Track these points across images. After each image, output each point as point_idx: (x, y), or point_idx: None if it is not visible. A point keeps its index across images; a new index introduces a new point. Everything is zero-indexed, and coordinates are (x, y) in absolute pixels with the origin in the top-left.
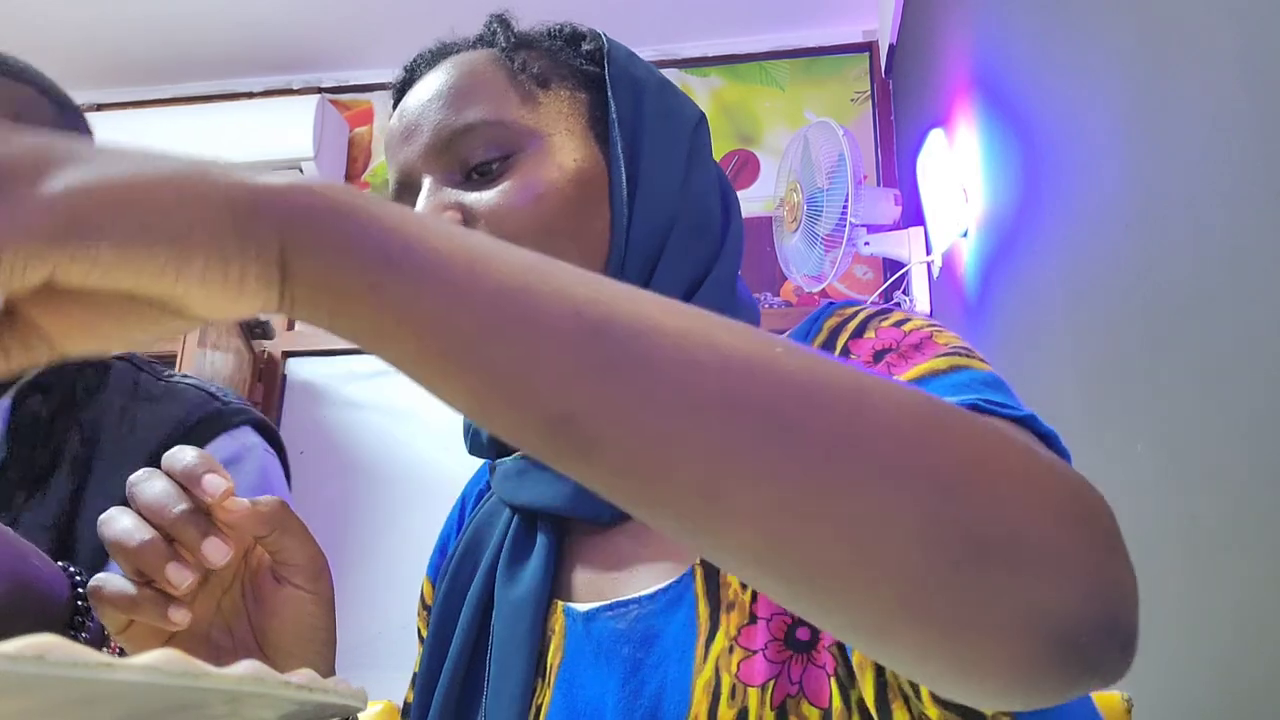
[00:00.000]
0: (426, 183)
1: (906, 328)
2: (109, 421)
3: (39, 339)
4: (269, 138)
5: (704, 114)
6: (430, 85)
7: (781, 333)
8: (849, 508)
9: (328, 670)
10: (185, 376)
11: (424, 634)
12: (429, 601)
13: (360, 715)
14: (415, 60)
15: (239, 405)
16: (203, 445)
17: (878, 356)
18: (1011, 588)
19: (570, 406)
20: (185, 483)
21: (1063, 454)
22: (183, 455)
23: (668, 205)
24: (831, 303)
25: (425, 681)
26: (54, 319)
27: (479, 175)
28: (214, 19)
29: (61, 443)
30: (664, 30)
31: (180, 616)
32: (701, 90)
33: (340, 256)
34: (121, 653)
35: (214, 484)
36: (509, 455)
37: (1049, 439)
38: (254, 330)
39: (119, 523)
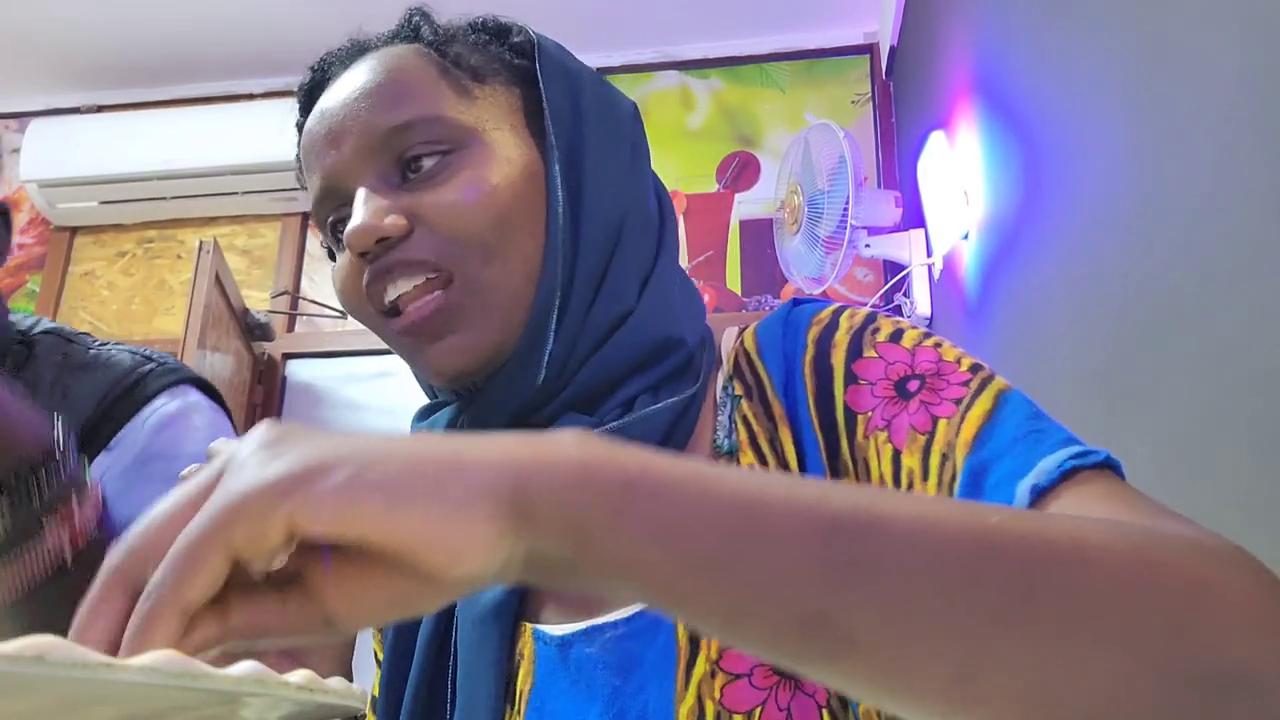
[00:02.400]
0: (361, 190)
1: (906, 343)
2: (40, 394)
3: (312, 601)
4: (269, 139)
5: (637, 106)
6: (353, 83)
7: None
8: (1097, 668)
9: (347, 660)
10: (117, 344)
11: (379, 655)
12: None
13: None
14: (325, 59)
15: (175, 365)
16: (143, 405)
17: (901, 389)
18: (1251, 707)
19: (819, 607)
20: None
21: (1121, 474)
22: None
23: (618, 199)
24: (797, 301)
25: (386, 706)
26: (328, 583)
27: (417, 177)
28: (215, 21)
29: None
30: (664, 32)
31: None
32: (702, 92)
33: (579, 492)
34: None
35: None
36: None
37: (1119, 468)
38: (254, 331)
39: None
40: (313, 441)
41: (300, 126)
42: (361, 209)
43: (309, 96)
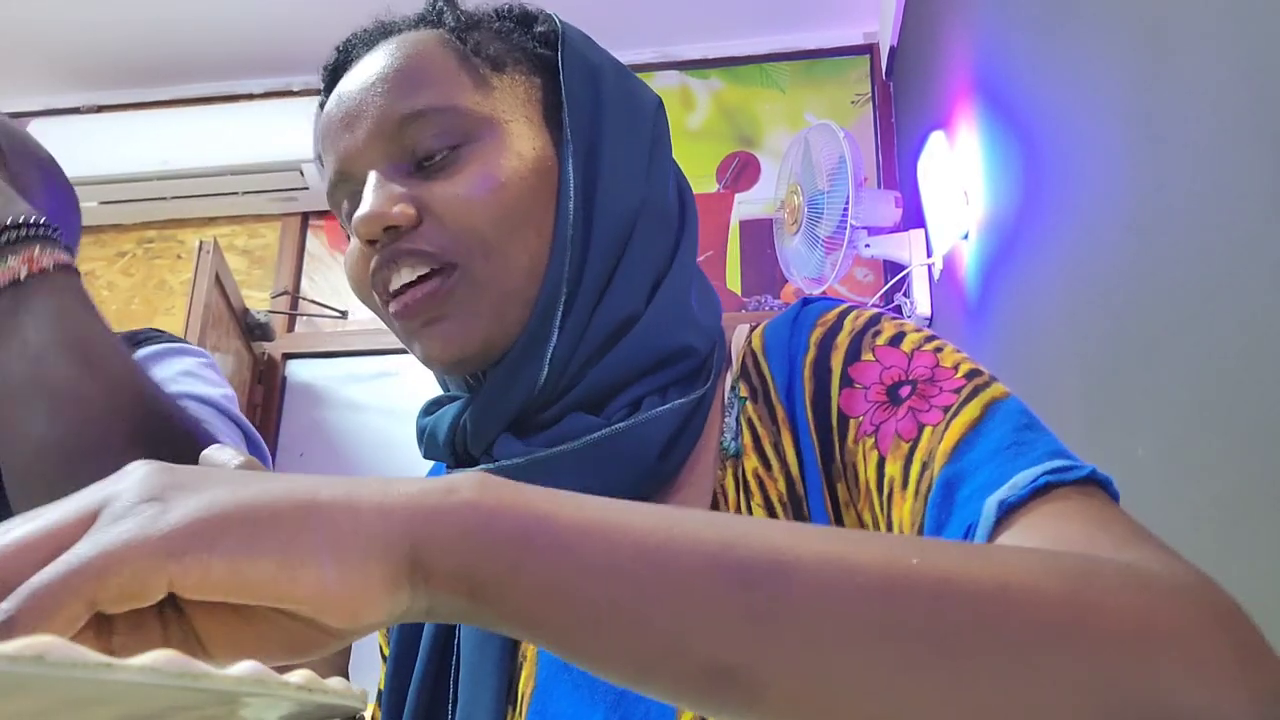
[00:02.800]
0: (372, 175)
1: (905, 347)
2: None
3: (196, 642)
4: (270, 139)
5: (661, 100)
6: (372, 67)
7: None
8: (1019, 711)
9: (346, 657)
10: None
11: (385, 651)
12: None
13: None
14: (350, 41)
15: (151, 331)
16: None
17: (893, 395)
18: None
19: (727, 658)
20: None
21: (1114, 495)
22: (220, 457)
23: (633, 193)
24: (807, 301)
25: (391, 704)
26: (207, 626)
27: (430, 166)
28: (215, 21)
29: None
30: (664, 32)
31: None
32: (702, 92)
33: (473, 545)
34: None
35: None
36: (470, 465)
37: (1108, 485)
38: (254, 331)
39: None
40: (199, 494)
41: (323, 106)
42: (371, 196)
43: (332, 77)
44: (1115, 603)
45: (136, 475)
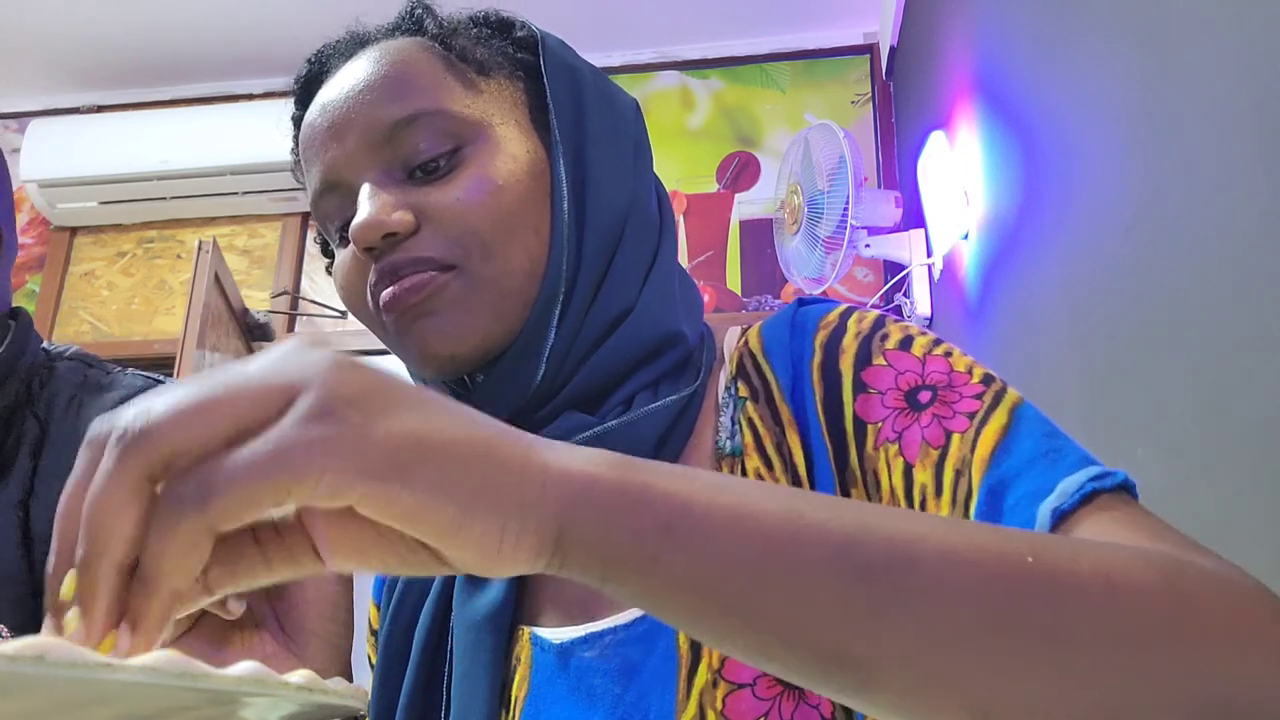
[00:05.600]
0: (366, 185)
1: (916, 351)
2: (58, 410)
3: (307, 552)
4: (269, 139)
5: (638, 102)
6: (356, 75)
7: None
8: (1123, 705)
9: (348, 650)
10: (137, 372)
11: (373, 659)
12: (375, 626)
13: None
14: (322, 51)
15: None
16: None
17: (912, 400)
18: None
19: (846, 647)
20: None
21: (1135, 495)
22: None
23: (622, 195)
24: (802, 301)
25: (380, 710)
26: (332, 535)
27: (423, 172)
28: (215, 21)
29: (21, 431)
30: (664, 32)
31: (237, 607)
32: (702, 92)
33: (620, 532)
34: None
35: None
36: None
37: (1134, 489)
38: (254, 331)
39: None
40: (398, 413)
41: (296, 121)
42: (367, 204)
43: (306, 89)
44: (1209, 599)
45: (329, 367)
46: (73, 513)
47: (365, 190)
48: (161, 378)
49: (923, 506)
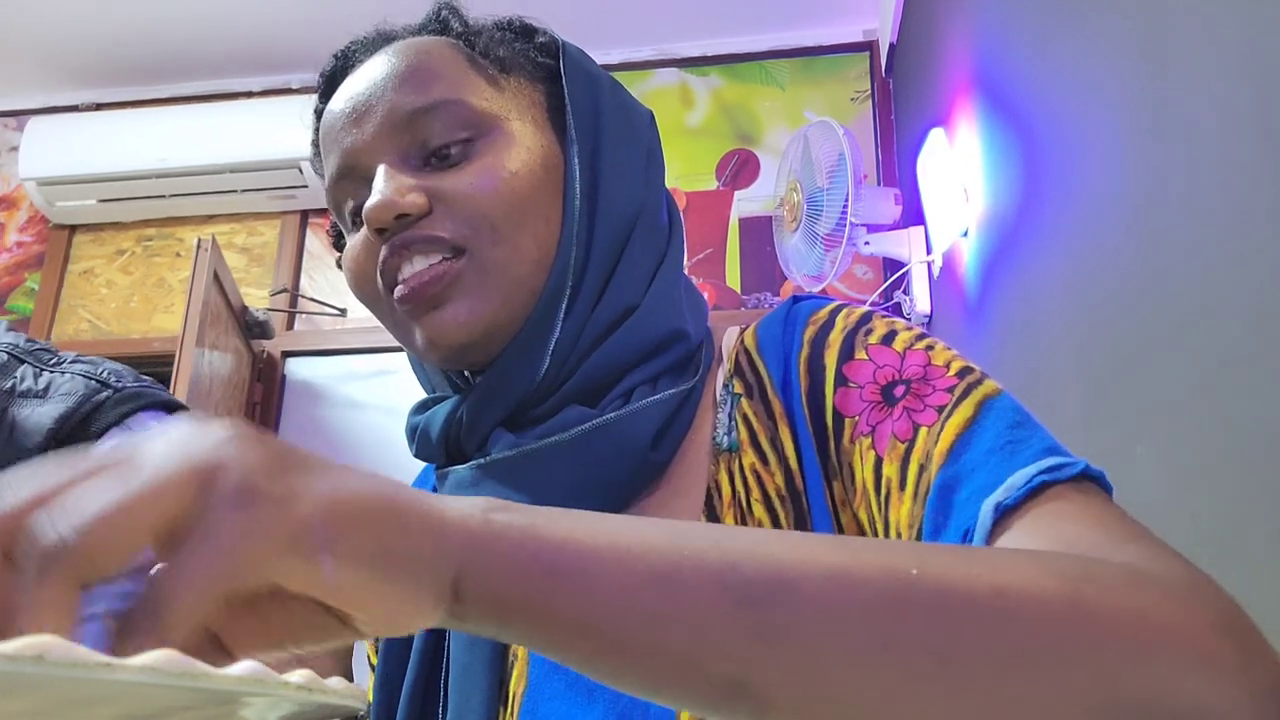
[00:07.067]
0: (381, 167)
1: (897, 345)
2: None
3: (215, 647)
4: (268, 137)
5: (653, 114)
6: (380, 67)
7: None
8: (1021, 716)
9: (347, 655)
10: (77, 359)
11: (373, 660)
12: None
13: None
14: (349, 47)
15: (135, 388)
16: (93, 442)
17: (887, 394)
18: None
19: (736, 675)
20: None
21: (1107, 488)
22: None
23: (633, 198)
24: (797, 298)
25: (380, 709)
26: (234, 626)
27: (439, 160)
28: (214, 19)
29: None
30: (664, 30)
31: None
32: (701, 90)
33: (508, 578)
34: None
35: None
36: (462, 462)
37: (1102, 479)
38: (253, 329)
39: None
40: (313, 483)
41: (318, 113)
42: (383, 185)
43: (330, 83)
44: (1114, 604)
45: (238, 443)
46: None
47: (381, 173)
48: (108, 372)
49: (888, 501)
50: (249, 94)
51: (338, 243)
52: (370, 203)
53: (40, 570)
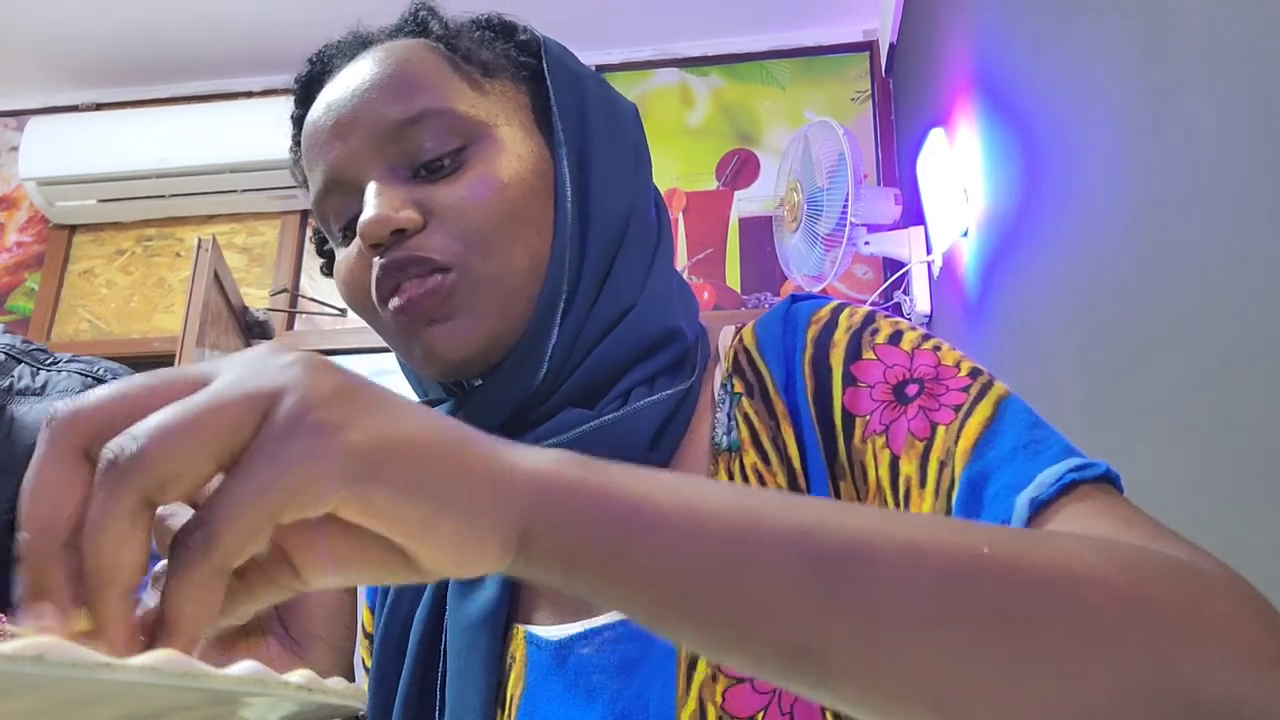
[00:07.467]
0: (372, 182)
1: (905, 345)
2: None
3: (285, 571)
4: (268, 137)
5: (637, 107)
6: (361, 74)
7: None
8: (1080, 698)
9: (350, 654)
10: (73, 359)
11: (367, 662)
12: (369, 630)
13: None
14: (325, 51)
15: None
16: None
17: (899, 394)
18: None
19: (803, 639)
20: None
21: (1121, 490)
22: None
23: (624, 198)
24: (795, 298)
25: (375, 712)
26: (305, 552)
27: (428, 171)
28: (214, 18)
29: None
30: (664, 30)
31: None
32: (701, 89)
33: (581, 529)
34: None
35: None
36: None
37: (1117, 481)
38: (253, 329)
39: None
40: (373, 414)
41: (297, 120)
42: (375, 200)
43: (306, 89)
44: (1169, 591)
45: (301, 371)
46: (41, 495)
47: (372, 188)
48: (104, 370)
49: (907, 498)
50: (249, 94)
51: (321, 248)
52: (365, 219)
53: (104, 481)
